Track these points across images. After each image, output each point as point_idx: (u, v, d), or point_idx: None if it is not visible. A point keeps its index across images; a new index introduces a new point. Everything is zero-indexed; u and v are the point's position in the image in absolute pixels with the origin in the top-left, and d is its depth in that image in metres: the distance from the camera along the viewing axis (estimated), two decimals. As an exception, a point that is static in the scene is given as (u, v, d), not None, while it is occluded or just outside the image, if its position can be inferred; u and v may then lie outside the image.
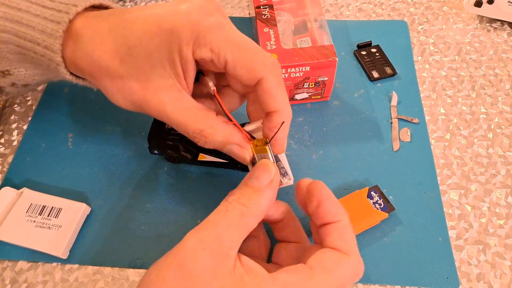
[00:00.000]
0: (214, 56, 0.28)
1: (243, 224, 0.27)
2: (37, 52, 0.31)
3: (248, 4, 0.56)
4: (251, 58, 0.28)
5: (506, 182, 0.41)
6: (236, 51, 0.28)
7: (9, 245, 0.37)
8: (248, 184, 0.28)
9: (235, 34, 0.29)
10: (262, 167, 0.29)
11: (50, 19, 0.30)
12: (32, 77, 0.35)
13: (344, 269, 0.27)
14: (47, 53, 0.31)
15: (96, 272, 0.36)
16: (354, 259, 0.27)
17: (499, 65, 0.50)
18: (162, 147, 0.40)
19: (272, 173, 0.29)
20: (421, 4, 0.56)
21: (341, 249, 0.27)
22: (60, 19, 0.30)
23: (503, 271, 0.36)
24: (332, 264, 0.26)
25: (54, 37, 0.30)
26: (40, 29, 0.30)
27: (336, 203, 0.29)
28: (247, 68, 0.28)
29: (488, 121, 0.45)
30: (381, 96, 0.47)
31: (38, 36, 0.30)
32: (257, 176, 0.28)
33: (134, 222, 0.39)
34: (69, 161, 0.42)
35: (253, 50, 0.29)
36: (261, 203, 0.28)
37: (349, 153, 0.43)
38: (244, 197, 0.28)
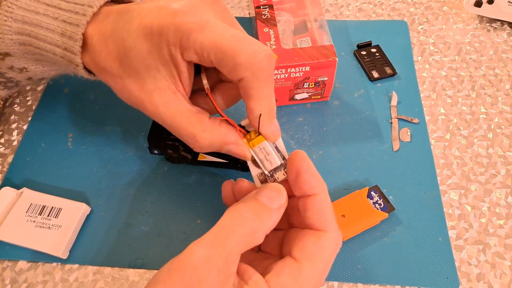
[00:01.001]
0: (200, 58, 0.28)
1: (251, 240, 0.27)
2: (56, 54, 0.32)
3: (248, 4, 0.56)
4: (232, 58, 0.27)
5: (506, 182, 0.41)
6: (218, 52, 0.27)
7: (9, 245, 0.37)
8: (259, 201, 0.28)
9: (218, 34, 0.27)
10: (276, 190, 0.29)
11: (68, 21, 0.31)
12: (48, 72, 0.36)
13: (326, 249, 0.28)
14: (67, 55, 0.31)
15: (96, 272, 0.36)
16: (333, 235, 0.28)
17: (499, 65, 0.50)
18: (162, 147, 0.40)
19: (283, 199, 0.28)
20: (421, 4, 0.56)
21: (320, 226, 0.28)
22: (79, 22, 0.31)
23: (503, 271, 0.36)
24: (314, 249, 0.27)
25: (74, 39, 0.31)
26: (60, 32, 0.31)
27: (315, 175, 0.29)
28: (229, 68, 0.28)
29: (488, 121, 0.45)
30: (381, 96, 0.47)
31: (58, 39, 0.31)
32: (270, 197, 0.28)
33: (134, 222, 0.39)
34: (69, 161, 0.42)
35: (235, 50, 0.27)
36: (270, 224, 0.28)
37: (349, 153, 0.43)
38: (255, 215, 0.27)
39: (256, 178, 0.32)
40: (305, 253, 0.27)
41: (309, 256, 0.27)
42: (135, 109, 0.32)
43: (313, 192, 0.29)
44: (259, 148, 0.31)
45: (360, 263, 0.36)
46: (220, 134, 0.31)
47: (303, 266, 0.27)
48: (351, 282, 0.36)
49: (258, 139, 0.30)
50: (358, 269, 0.36)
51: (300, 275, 0.26)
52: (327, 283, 0.36)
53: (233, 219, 0.27)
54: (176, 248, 0.37)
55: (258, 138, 0.31)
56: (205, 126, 0.30)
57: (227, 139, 0.31)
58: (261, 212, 0.27)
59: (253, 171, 0.32)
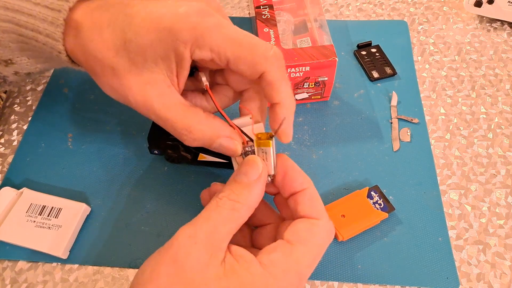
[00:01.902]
0: (214, 56, 0.29)
1: (235, 218, 0.28)
2: (38, 41, 0.31)
3: (248, 4, 0.56)
4: (251, 53, 0.29)
5: (506, 182, 0.41)
6: (236, 48, 0.28)
7: (9, 245, 0.37)
8: (237, 181, 0.29)
9: (234, 32, 0.29)
10: (250, 163, 0.29)
11: (50, 7, 0.30)
12: (34, 65, 0.35)
13: (319, 234, 0.29)
14: (49, 42, 0.31)
15: (96, 272, 0.36)
16: (324, 222, 0.29)
17: (499, 65, 0.50)
18: (162, 147, 0.40)
19: (260, 168, 0.29)
20: (421, 4, 0.56)
21: (312, 215, 0.29)
22: (61, 7, 0.30)
23: (503, 271, 0.36)
24: (307, 234, 0.28)
25: (55, 25, 0.30)
26: (41, 17, 0.30)
27: (300, 172, 0.30)
28: (248, 63, 0.29)
29: (488, 121, 0.45)
30: (381, 96, 0.47)
31: (40, 25, 0.31)
32: (245, 172, 0.29)
33: (134, 222, 0.39)
34: (69, 161, 0.42)
35: (253, 45, 0.29)
36: (251, 198, 0.28)
37: (349, 153, 0.43)
38: (234, 193, 0.28)
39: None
40: (298, 237, 0.28)
41: (302, 239, 0.28)
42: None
43: (301, 187, 0.30)
44: (262, 150, 0.30)
45: (360, 263, 0.37)
46: (215, 126, 0.31)
47: (295, 247, 0.27)
48: (351, 282, 0.36)
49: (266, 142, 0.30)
50: (358, 269, 0.36)
51: (292, 255, 0.27)
52: (327, 283, 0.36)
53: (215, 201, 0.28)
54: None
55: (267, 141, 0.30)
56: (200, 118, 0.30)
57: (221, 132, 0.31)
58: (239, 190, 0.28)
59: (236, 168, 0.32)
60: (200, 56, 0.29)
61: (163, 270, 0.26)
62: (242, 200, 0.28)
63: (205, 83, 0.32)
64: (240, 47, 0.28)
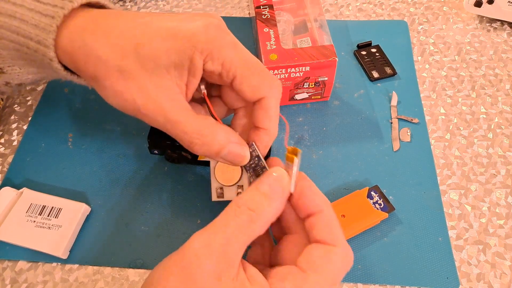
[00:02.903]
0: (223, 70, 0.29)
1: (251, 230, 0.27)
2: (30, 48, 0.30)
3: (248, 4, 0.56)
4: (259, 77, 0.30)
5: (506, 182, 0.41)
6: (245, 69, 0.29)
7: (9, 245, 0.37)
8: (259, 190, 0.28)
9: (247, 53, 0.30)
10: (275, 175, 0.29)
11: (44, 13, 0.30)
12: (26, 75, 0.34)
13: (335, 263, 0.27)
14: (40, 48, 0.30)
15: (96, 272, 0.36)
16: (342, 250, 0.27)
17: (499, 65, 0.50)
18: (162, 147, 0.40)
19: (284, 183, 0.29)
20: (421, 4, 0.56)
21: (328, 241, 0.27)
22: (55, 14, 0.29)
23: (503, 271, 0.36)
24: (322, 262, 0.27)
25: (47, 31, 0.29)
26: (34, 23, 0.30)
27: (317, 193, 0.29)
28: (253, 86, 0.30)
29: (488, 121, 0.45)
30: (381, 96, 0.47)
31: (31, 31, 0.30)
32: (270, 184, 0.28)
33: (134, 222, 0.39)
34: (69, 161, 0.42)
35: (262, 70, 0.30)
36: (271, 211, 0.28)
37: (349, 153, 0.43)
38: (254, 203, 0.27)
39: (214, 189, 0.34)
40: (312, 265, 0.27)
41: (316, 267, 0.26)
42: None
43: (318, 209, 0.28)
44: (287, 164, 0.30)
45: (360, 263, 0.37)
46: (225, 132, 0.30)
47: (308, 276, 0.26)
48: (351, 282, 0.36)
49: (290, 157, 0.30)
50: (358, 269, 0.36)
51: (304, 285, 0.26)
52: (327, 283, 0.36)
53: (233, 210, 0.27)
54: (176, 248, 0.37)
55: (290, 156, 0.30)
56: (210, 123, 0.30)
57: (232, 138, 0.31)
58: (260, 201, 0.27)
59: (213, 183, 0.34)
60: (210, 68, 0.29)
61: (173, 278, 0.25)
62: (261, 212, 0.27)
63: (203, 91, 0.32)
64: (250, 69, 0.29)
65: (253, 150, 0.31)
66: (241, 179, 0.35)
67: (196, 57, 0.28)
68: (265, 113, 0.30)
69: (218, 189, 0.35)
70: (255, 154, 0.31)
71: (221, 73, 0.29)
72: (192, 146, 0.30)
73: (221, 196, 0.34)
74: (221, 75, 0.30)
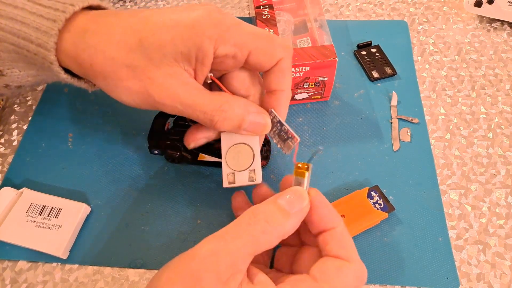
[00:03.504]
0: (237, 50, 0.30)
1: (263, 241, 0.26)
2: (30, 51, 0.30)
3: (248, 4, 0.56)
4: (271, 43, 0.31)
5: (506, 182, 0.41)
6: (257, 41, 0.30)
7: (9, 245, 0.37)
8: (278, 204, 0.28)
9: (252, 27, 0.31)
10: (297, 194, 0.29)
11: (46, 17, 0.30)
12: (25, 78, 0.34)
13: (347, 277, 0.27)
14: (41, 51, 0.30)
15: (96, 272, 0.36)
16: (356, 266, 0.27)
17: (499, 65, 0.50)
18: (162, 147, 0.40)
19: (304, 203, 0.28)
20: (421, 4, 0.56)
21: (342, 256, 0.27)
22: (56, 18, 0.29)
23: (503, 271, 0.36)
24: (335, 273, 0.26)
25: (49, 35, 0.29)
26: (35, 26, 0.30)
27: (330, 209, 0.29)
28: (269, 53, 0.31)
29: (488, 121, 0.45)
30: (381, 96, 0.47)
31: (32, 34, 0.30)
32: (290, 201, 0.28)
33: (134, 222, 0.39)
34: (69, 161, 0.42)
35: (271, 37, 0.31)
36: (286, 228, 0.27)
37: (349, 153, 0.43)
38: (270, 216, 0.27)
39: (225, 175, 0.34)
40: (325, 276, 0.26)
41: (330, 279, 0.26)
42: (135, 109, 0.32)
43: (331, 225, 0.28)
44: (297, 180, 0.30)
45: (360, 263, 0.37)
46: (243, 103, 0.31)
47: (320, 285, 0.26)
48: (351, 282, 0.36)
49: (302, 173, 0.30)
50: (358, 269, 0.36)
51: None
52: (327, 283, 0.36)
53: (248, 218, 0.27)
54: (176, 248, 0.37)
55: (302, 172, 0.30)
56: (227, 98, 0.31)
57: (250, 108, 0.31)
58: (277, 215, 0.27)
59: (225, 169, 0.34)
60: (224, 51, 0.29)
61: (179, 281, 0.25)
62: (276, 226, 0.27)
63: (210, 74, 0.32)
64: (260, 39, 0.30)
65: (273, 117, 0.32)
66: (253, 163, 0.33)
67: (205, 44, 0.28)
68: (282, 74, 0.32)
69: (229, 174, 0.34)
70: (276, 120, 0.32)
71: (235, 54, 0.30)
72: (214, 123, 0.30)
73: (232, 182, 0.33)
74: (235, 55, 0.30)
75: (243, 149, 0.33)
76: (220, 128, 0.31)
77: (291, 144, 0.33)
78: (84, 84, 0.34)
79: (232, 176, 0.33)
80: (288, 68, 0.32)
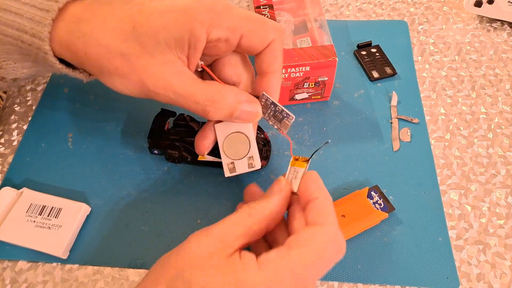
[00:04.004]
0: (229, 33, 0.30)
1: (249, 222, 0.28)
2: (24, 41, 0.31)
3: (248, 4, 0.56)
4: (263, 25, 0.31)
5: (506, 182, 0.41)
6: (249, 24, 0.31)
7: (9, 245, 0.37)
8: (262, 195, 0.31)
9: (243, 11, 0.31)
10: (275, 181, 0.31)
11: (39, 7, 0.30)
12: (21, 70, 0.34)
13: (320, 238, 0.27)
14: (35, 42, 0.30)
15: (96, 272, 0.36)
16: (329, 228, 0.28)
17: (499, 65, 0.50)
18: (162, 147, 0.40)
19: (282, 184, 0.31)
20: (421, 4, 0.56)
21: (317, 222, 0.28)
22: (50, 7, 0.30)
23: (503, 271, 0.36)
24: (307, 237, 0.27)
25: (43, 24, 0.30)
26: (29, 17, 0.30)
27: (315, 182, 0.31)
28: (261, 35, 0.31)
29: (488, 121, 0.45)
30: (381, 96, 0.47)
31: (26, 24, 0.30)
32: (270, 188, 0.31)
33: (134, 222, 0.39)
34: (69, 161, 0.42)
35: (262, 19, 0.32)
36: (268, 207, 0.29)
37: (349, 153, 0.43)
38: (254, 203, 0.30)
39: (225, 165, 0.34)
40: (298, 241, 0.28)
41: (301, 243, 0.27)
42: (135, 109, 0.32)
43: (315, 196, 0.30)
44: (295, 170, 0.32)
45: (360, 263, 0.37)
46: (234, 93, 0.32)
47: (292, 250, 0.27)
48: (351, 282, 0.36)
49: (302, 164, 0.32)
50: (358, 269, 0.36)
51: (287, 256, 0.27)
52: (327, 283, 0.36)
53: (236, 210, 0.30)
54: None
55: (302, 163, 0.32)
56: (219, 88, 0.31)
57: (241, 97, 0.32)
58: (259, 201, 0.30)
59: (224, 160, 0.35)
60: (216, 35, 0.30)
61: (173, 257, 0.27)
62: (259, 208, 0.29)
63: (200, 63, 0.32)
64: (252, 22, 0.31)
65: (266, 99, 0.33)
66: (250, 150, 0.34)
67: (197, 29, 0.29)
68: (274, 56, 0.32)
69: (229, 164, 0.35)
70: (269, 102, 0.33)
71: (227, 37, 0.30)
72: (206, 113, 0.31)
73: (233, 171, 0.34)
74: (228, 39, 0.30)
75: (238, 138, 0.34)
76: (213, 117, 0.31)
77: (288, 123, 0.33)
78: (79, 74, 0.34)
79: (232, 165, 0.34)
80: (279, 49, 0.32)
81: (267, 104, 0.33)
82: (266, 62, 0.33)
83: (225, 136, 0.34)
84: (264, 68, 0.33)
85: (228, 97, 0.31)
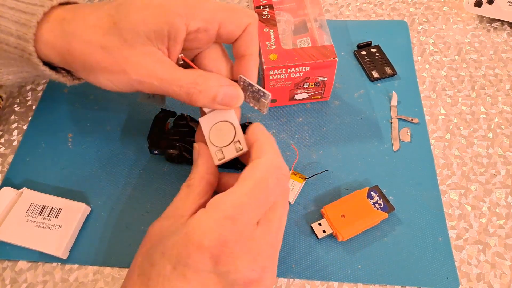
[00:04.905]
0: (208, 24, 0.31)
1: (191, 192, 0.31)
2: (10, 44, 0.32)
3: (248, 4, 0.56)
4: (237, 13, 0.32)
5: (506, 182, 0.41)
6: (224, 13, 0.32)
7: (9, 245, 0.37)
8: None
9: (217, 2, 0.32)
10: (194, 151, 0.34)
11: (25, 11, 0.31)
12: (6, 76, 0.35)
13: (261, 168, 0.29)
14: (20, 44, 0.31)
15: (96, 272, 0.36)
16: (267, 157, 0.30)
17: (499, 65, 0.50)
18: (162, 147, 0.40)
19: (196, 149, 0.34)
20: (421, 4, 0.56)
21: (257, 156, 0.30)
22: (35, 11, 0.31)
23: (503, 271, 0.36)
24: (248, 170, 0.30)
25: (28, 26, 0.31)
26: (14, 20, 0.31)
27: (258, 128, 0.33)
28: (236, 21, 0.32)
29: (488, 121, 0.45)
30: (381, 96, 0.47)
31: (12, 27, 0.31)
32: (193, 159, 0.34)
33: (134, 222, 0.39)
34: (69, 161, 0.42)
35: (236, 8, 0.33)
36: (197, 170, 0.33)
37: (349, 153, 0.43)
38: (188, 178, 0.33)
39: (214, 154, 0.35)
40: (240, 178, 0.29)
41: (242, 177, 0.29)
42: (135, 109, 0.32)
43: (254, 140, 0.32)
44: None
45: (360, 263, 0.37)
46: (215, 77, 0.33)
47: (234, 186, 0.29)
48: (351, 282, 0.36)
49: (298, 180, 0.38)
50: (358, 269, 0.36)
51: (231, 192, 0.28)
52: (327, 283, 0.36)
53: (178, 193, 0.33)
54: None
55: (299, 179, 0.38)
56: (201, 72, 0.33)
57: (222, 81, 0.33)
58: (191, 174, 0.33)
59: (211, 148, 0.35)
60: (195, 26, 0.31)
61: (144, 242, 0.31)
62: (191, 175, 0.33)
63: (181, 55, 0.33)
64: (226, 11, 0.32)
65: (243, 81, 0.34)
66: (236, 135, 0.34)
67: (176, 21, 0.30)
68: (250, 38, 0.33)
69: (217, 152, 0.34)
70: (247, 83, 0.34)
71: (206, 28, 0.31)
72: (190, 96, 0.32)
73: (222, 158, 0.34)
74: (207, 29, 0.32)
75: (223, 126, 0.34)
76: (196, 101, 0.32)
77: (265, 101, 0.34)
78: (62, 78, 0.35)
79: (220, 153, 0.34)
80: (255, 33, 0.34)
81: (245, 86, 0.34)
82: (244, 45, 0.34)
83: (210, 127, 0.34)
84: (242, 51, 0.34)
85: (211, 80, 0.32)
